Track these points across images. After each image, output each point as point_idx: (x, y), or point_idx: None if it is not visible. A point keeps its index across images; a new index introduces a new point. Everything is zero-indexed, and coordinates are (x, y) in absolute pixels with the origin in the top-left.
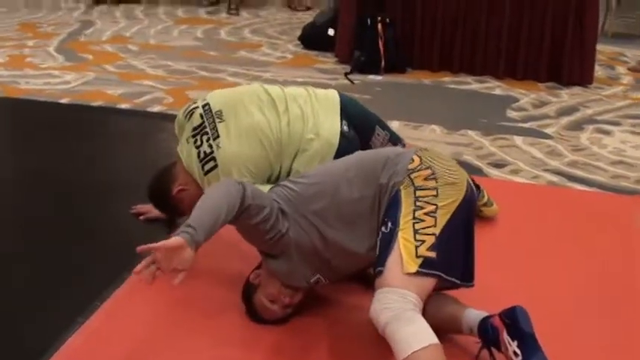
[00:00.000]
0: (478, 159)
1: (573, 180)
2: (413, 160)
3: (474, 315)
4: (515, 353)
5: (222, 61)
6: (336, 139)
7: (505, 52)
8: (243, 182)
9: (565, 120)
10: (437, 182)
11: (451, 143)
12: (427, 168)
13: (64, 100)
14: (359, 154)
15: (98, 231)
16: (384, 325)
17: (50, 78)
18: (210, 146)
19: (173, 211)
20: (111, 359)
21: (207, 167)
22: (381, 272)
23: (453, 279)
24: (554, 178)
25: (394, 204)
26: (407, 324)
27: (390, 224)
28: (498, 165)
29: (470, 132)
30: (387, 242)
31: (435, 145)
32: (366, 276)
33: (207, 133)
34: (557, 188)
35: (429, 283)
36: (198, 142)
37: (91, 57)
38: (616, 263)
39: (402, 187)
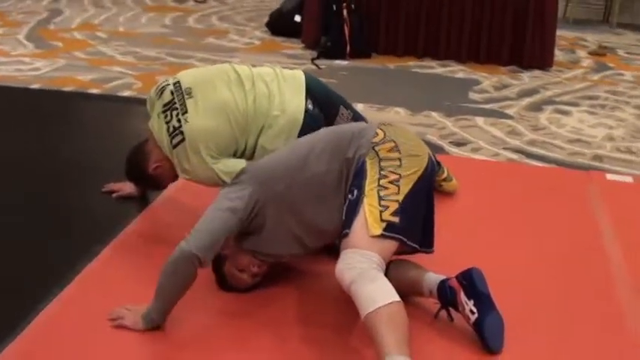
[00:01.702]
0: (440, 138)
1: (532, 157)
2: (377, 134)
3: (433, 278)
4: (471, 311)
5: (190, 48)
6: (301, 116)
7: (468, 37)
8: (197, 246)
9: (525, 101)
10: (400, 154)
11: (414, 124)
12: (390, 141)
13: (35, 86)
14: (325, 130)
15: (70, 210)
16: (349, 283)
17: (21, 65)
18: (179, 121)
19: (152, 187)
20: (83, 330)
21: (175, 141)
22: (347, 235)
23: (414, 244)
24: (514, 156)
25: (360, 173)
26: (370, 282)
27: (356, 191)
28: (460, 144)
29: (433, 113)
30: (354, 207)
31: None
32: (332, 247)
33: (176, 109)
34: (516, 164)
35: (391, 245)
36: (168, 117)
37: (60, 44)
38: (570, 232)
39: (367, 159)
